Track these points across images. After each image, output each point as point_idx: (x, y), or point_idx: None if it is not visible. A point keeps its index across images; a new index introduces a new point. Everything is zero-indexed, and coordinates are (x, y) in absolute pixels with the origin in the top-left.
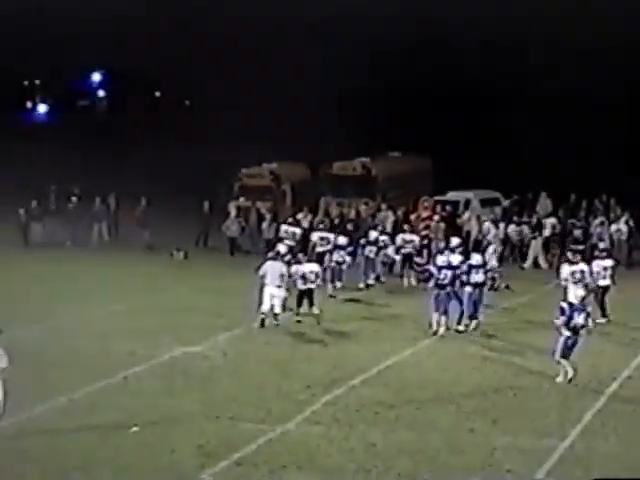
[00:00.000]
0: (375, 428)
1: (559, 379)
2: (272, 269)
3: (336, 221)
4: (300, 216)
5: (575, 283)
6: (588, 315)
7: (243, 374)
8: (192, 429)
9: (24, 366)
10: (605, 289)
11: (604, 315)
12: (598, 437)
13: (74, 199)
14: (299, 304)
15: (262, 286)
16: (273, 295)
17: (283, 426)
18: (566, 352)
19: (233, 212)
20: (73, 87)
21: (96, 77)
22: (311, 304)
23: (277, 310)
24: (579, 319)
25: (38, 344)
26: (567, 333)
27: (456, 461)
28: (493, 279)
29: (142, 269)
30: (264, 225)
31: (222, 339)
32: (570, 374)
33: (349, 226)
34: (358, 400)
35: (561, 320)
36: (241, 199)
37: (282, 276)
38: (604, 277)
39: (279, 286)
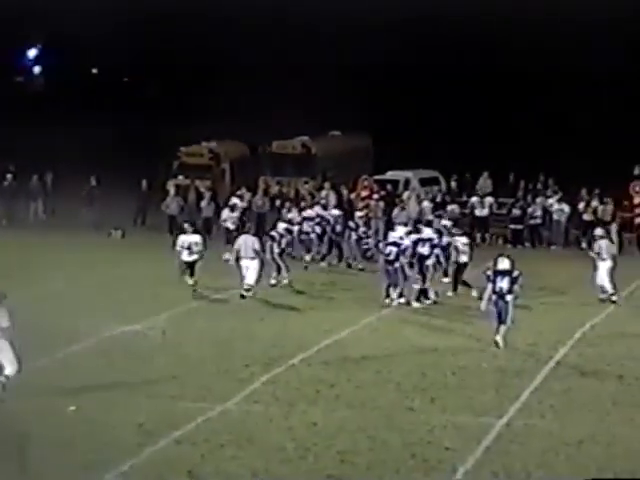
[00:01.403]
0: (315, 407)
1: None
2: (245, 243)
3: (277, 201)
4: (239, 194)
5: None
6: (514, 280)
7: (183, 352)
8: (132, 407)
9: None
10: (464, 265)
11: (455, 289)
12: (535, 415)
13: (9, 176)
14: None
15: (237, 260)
16: (247, 267)
17: (223, 405)
18: (498, 317)
19: (172, 190)
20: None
21: (32, 53)
22: (192, 274)
23: (249, 281)
24: (502, 284)
25: None
26: (493, 297)
27: (395, 439)
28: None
29: (79, 248)
30: (203, 203)
31: (162, 318)
32: (499, 340)
33: (288, 205)
34: (298, 378)
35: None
36: (180, 177)
37: (254, 249)
38: (463, 253)
39: (252, 258)
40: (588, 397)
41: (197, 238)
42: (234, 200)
